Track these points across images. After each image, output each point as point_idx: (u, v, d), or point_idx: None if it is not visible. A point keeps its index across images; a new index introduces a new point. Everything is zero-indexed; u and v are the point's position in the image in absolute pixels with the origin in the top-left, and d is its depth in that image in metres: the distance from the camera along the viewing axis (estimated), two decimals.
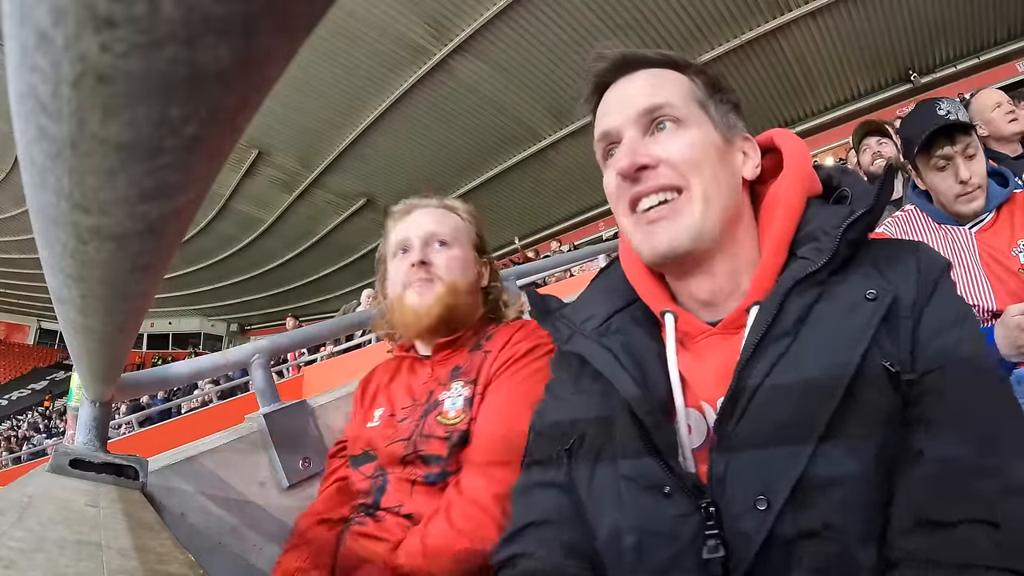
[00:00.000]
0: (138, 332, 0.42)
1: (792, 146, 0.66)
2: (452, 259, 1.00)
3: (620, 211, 0.63)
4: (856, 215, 0.57)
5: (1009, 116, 2.00)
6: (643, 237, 0.60)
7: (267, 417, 1.11)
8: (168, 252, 0.23)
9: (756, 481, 0.50)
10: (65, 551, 0.42)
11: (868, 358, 0.51)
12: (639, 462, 0.56)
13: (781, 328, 0.54)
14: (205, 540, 0.96)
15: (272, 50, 0.13)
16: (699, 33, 7.93)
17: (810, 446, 0.49)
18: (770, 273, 0.59)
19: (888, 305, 0.52)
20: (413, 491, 0.86)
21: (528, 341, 0.93)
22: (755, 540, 0.49)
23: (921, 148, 1.31)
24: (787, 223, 0.60)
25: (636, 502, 0.55)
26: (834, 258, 0.56)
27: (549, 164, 10.46)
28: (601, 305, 0.68)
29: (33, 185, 0.18)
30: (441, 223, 1.03)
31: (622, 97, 0.64)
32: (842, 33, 8.01)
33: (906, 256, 0.57)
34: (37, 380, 22.54)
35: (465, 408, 0.88)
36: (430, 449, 0.86)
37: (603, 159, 0.66)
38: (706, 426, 0.57)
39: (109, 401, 0.87)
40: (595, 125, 0.67)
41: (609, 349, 0.61)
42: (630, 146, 0.61)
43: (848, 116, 9.48)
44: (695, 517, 0.52)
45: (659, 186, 0.59)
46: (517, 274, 2.08)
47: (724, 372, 0.56)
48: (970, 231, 1.31)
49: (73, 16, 0.11)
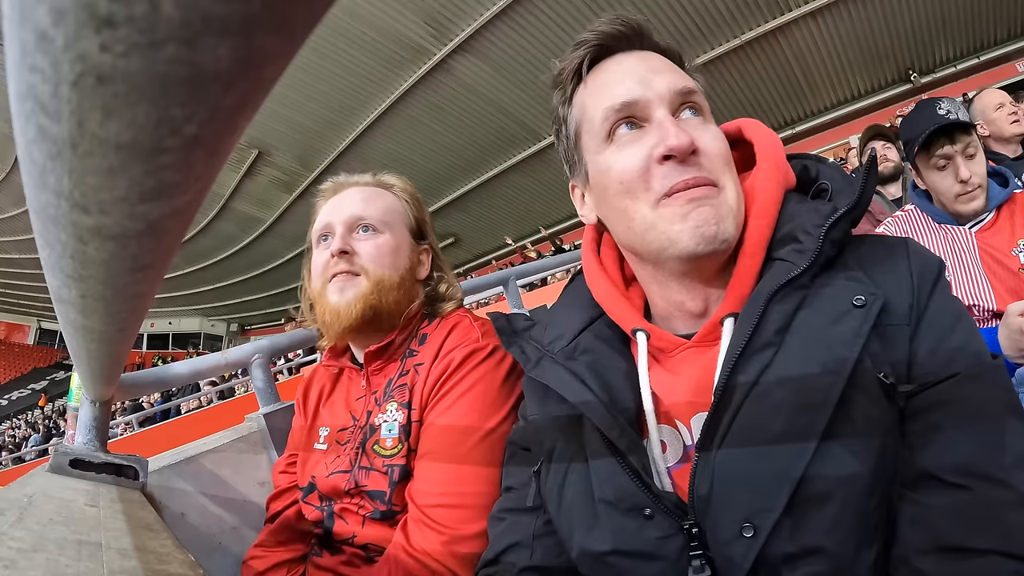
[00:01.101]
0: (138, 332, 0.42)
1: (764, 138, 0.60)
2: (379, 248, 0.86)
3: (644, 202, 0.53)
4: (840, 212, 0.51)
5: (1012, 117, 2.00)
6: (681, 219, 0.51)
7: (267, 417, 1.11)
8: (168, 252, 0.23)
9: (741, 505, 0.47)
10: (65, 551, 0.42)
11: (858, 369, 0.46)
12: (617, 485, 0.53)
13: (763, 339, 0.49)
14: (205, 540, 0.96)
15: (272, 50, 0.13)
16: (699, 33, 7.94)
17: (800, 464, 0.45)
18: (746, 280, 0.53)
19: (878, 312, 0.48)
20: (365, 523, 0.80)
21: (463, 348, 0.81)
22: (743, 567, 0.46)
23: (921, 147, 1.31)
24: (764, 224, 0.54)
25: (615, 525, 0.52)
26: (817, 260, 0.50)
27: (549, 164, 10.46)
28: (569, 323, 0.63)
29: (33, 185, 0.18)
30: (369, 204, 0.88)
31: (644, 69, 0.56)
32: (842, 33, 8.02)
33: (896, 258, 0.52)
34: (37, 380, 22.56)
35: (401, 437, 0.79)
36: (372, 484, 0.79)
37: (608, 135, 0.55)
38: (681, 442, 0.54)
39: (109, 401, 0.87)
40: (587, 93, 0.58)
41: (575, 374, 0.57)
42: (675, 124, 0.52)
43: (848, 116, 9.49)
44: (678, 538, 0.50)
45: (704, 181, 0.52)
46: (517, 274, 2.08)
47: (701, 386, 0.53)
48: (970, 231, 1.31)
49: (73, 16, 0.11)
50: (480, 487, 0.73)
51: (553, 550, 0.60)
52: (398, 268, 0.87)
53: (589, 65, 0.59)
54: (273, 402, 1.17)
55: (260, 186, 12.30)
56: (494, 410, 0.77)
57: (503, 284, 1.95)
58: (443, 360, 0.81)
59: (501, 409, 0.78)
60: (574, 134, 0.60)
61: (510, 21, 7.68)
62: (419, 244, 0.93)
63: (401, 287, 0.87)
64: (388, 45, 8.12)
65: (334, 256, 0.85)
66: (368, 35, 7.92)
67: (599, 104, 0.56)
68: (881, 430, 0.46)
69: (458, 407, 0.77)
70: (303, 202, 12.50)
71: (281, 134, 10.23)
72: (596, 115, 0.56)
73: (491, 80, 8.78)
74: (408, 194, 0.94)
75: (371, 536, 0.80)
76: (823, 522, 0.45)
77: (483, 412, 0.77)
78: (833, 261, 0.53)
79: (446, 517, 0.71)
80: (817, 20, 7.80)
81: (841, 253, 0.53)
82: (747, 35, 7.92)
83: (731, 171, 0.55)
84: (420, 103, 9.31)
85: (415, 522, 0.73)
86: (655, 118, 0.53)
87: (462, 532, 0.71)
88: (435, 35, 7.97)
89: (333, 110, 9.56)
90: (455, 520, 0.71)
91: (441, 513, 0.72)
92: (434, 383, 0.80)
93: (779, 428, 0.46)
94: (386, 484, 0.79)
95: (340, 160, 10.66)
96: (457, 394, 0.78)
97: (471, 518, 0.71)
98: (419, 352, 0.85)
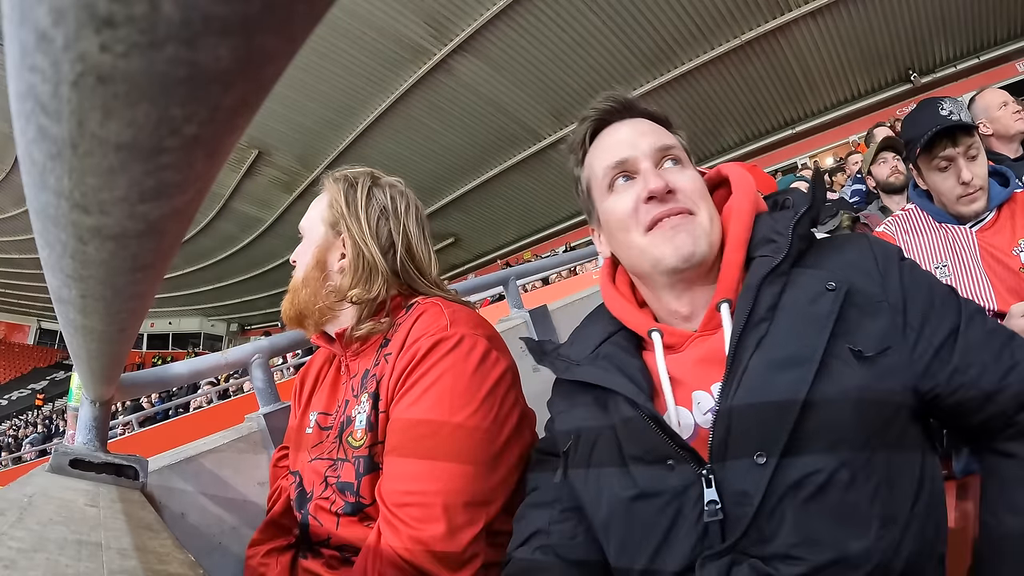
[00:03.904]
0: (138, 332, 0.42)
1: (738, 172, 0.76)
2: (299, 254, 0.93)
3: (636, 232, 0.69)
4: (800, 212, 0.67)
5: (1017, 115, 1.99)
6: (664, 243, 0.66)
7: (267, 417, 1.11)
8: (168, 252, 0.23)
9: (754, 438, 0.58)
10: (65, 551, 0.42)
11: (833, 340, 0.59)
12: (644, 440, 0.64)
13: (758, 315, 0.63)
14: (205, 540, 0.96)
15: (272, 50, 0.13)
16: (699, 33, 7.94)
17: (796, 405, 0.57)
18: (732, 271, 0.67)
19: (844, 294, 0.61)
20: (339, 522, 0.81)
21: (428, 337, 0.79)
22: (754, 496, 0.56)
23: (923, 149, 1.31)
24: (741, 228, 0.69)
25: (642, 474, 0.64)
26: (791, 251, 0.65)
27: (549, 164, 10.46)
28: (591, 338, 0.76)
29: (33, 185, 0.18)
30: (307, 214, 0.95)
31: (633, 134, 0.72)
32: (842, 33, 8.01)
33: (860, 249, 0.66)
34: (37, 380, 22.56)
35: (367, 429, 0.80)
36: (344, 475, 0.81)
37: (609, 186, 0.72)
38: (693, 420, 0.65)
39: (109, 401, 0.87)
40: (593, 156, 0.74)
41: (601, 368, 0.71)
42: (656, 173, 0.69)
43: (848, 116, 9.48)
44: (696, 486, 0.60)
45: (680, 208, 0.68)
46: (517, 274, 2.08)
47: (714, 361, 0.65)
48: (971, 230, 1.31)
49: (73, 16, 0.11)
50: (449, 484, 0.72)
51: (568, 533, 0.71)
52: (304, 268, 0.91)
53: (592, 135, 0.76)
54: (273, 402, 1.17)
55: (260, 186, 12.29)
56: (462, 403, 0.75)
57: (503, 284, 1.95)
58: (409, 350, 0.79)
59: (471, 402, 0.76)
60: (587, 188, 0.76)
61: (510, 21, 7.67)
62: (337, 233, 0.91)
63: (306, 285, 0.89)
64: (388, 45, 8.11)
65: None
66: (368, 35, 7.91)
67: (601, 163, 0.73)
68: (856, 386, 0.58)
69: (424, 400, 0.76)
70: (303, 202, 12.41)
71: (281, 134, 10.23)
72: (599, 172, 0.73)
73: (491, 80, 8.78)
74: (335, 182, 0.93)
75: (346, 536, 0.80)
76: (820, 448, 0.56)
77: (450, 406, 0.75)
78: (804, 255, 0.67)
79: (414, 516, 0.71)
80: (817, 20, 7.79)
81: (810, 249, 0.68)
82: (747, 35, 7.91)
83: (705, 201, 0.70)
84: (420, 103, 9.30)
85: (385, 522, 0.73)
86: (642, 170, 0.70)
87: (431, 532, 0.70)
88: (435, 35, 7.97)
89: (333, 110, 9.56)
90: (423, 519, 0.71)
91: (409, 512, 0.71)
92: (400, 374, 0.79)
93: (778, 379, 0.59)
94: (354, 476, 0.79)
95: (340, 160, 10.64)
96: (423, 387, 0.76)
97: (440, 517, 0.71)
98: (393, 338, 0.85)
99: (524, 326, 1.70)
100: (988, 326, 0.63)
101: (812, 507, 0.55)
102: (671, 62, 8.43)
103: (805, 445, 0.56)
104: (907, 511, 0.56)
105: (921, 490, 0.58)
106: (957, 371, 0.60)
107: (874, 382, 0.58)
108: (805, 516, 0.55)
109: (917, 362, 0.60)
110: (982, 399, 0.59)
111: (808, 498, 0.55)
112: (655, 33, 7.86)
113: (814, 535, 0.54)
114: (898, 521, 0.55)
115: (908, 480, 0.58)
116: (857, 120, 9.28)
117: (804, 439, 0.56)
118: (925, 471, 0.59)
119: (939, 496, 0.60)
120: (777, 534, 0.55)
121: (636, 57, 8.25)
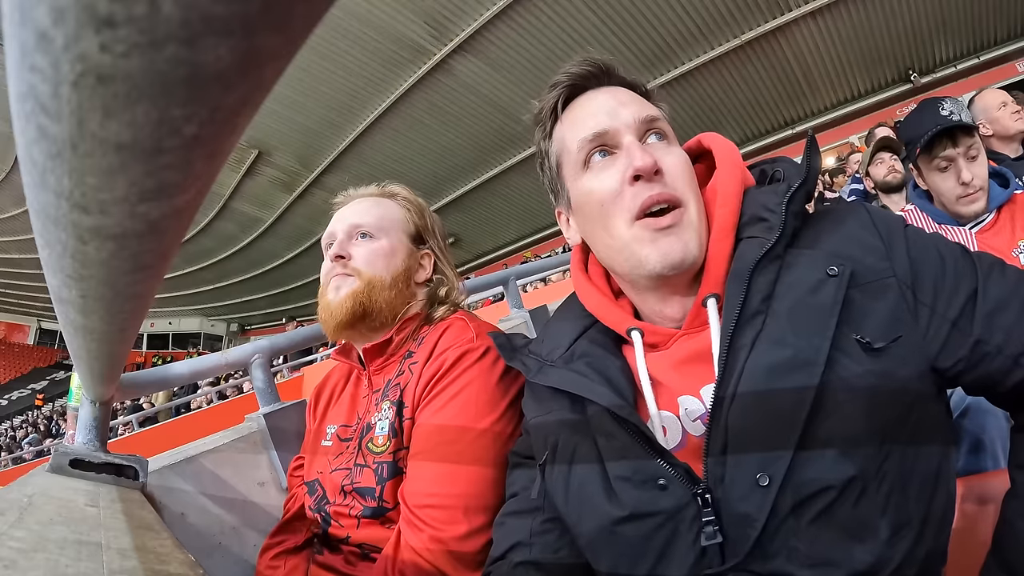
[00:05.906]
0: (138, 332, 0.42)
1: (721, 144, 0.66)
2: (373, 252, 0.91)
3: (621, 220, 0.59)
4: (794, 187, 0.58)
5: (1016, 115, 2.00)
6: (652, 246, 0.58)
7: (267, 417, 1.11)
8: (168, 252, 0.23)
9: (754, 456, 0.51)
10: (65, 551, 0.42)
11: (838, 331, 0.52)
12: (631, 460, 0.57)
13: (752, 307, 0.55)
14: (205, 540, 0.96)
15: (272, 50, 0.13)
16: (699, 33, 7.93)
17: (801, 416, 0.50)
18: (720, 263, 0.58)
19: (849, 278, 0.53)
20: (360, 524, 0.82)
21: (456, 348, 0.82)
22: (757, 520, 0.50)
23: (923, 149, 1.31)
24: (728, 211, 0.60)
25: (631, 497, 0.56)
26: (785, 231, 0.56)
27: None
28: (563, 334, 0.69)
29: (33, 185, 0.18)
30: (368, 213, 0.94)
31: (612, 102, 0.62)
32: (842, 33, 8.01)
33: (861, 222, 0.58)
34: (37, 380, 22.55)
35: (390, 435, 0.81)
36: (364, 481, 0.82)
37: (584, 162, 0.62)
38: (680, 426, 0.58)
39: (109, 401, 0.87)
40: (565, 127, 0.65)
41: (577, 372, 0.62)
42: (641, 148, 0.59)
43: (848, 116, 9.48)
44: (691, 506, 0.54)
45: (669, 196, 0.58)
46: (517, 274, 2.08)
47: (702, 362, 0.57)
48: (970, 231, 1.31)
49: (73, 16, 0.11)
50: (471, 488, 0.74)
51: (552, 546, 0.65)
52: (390, 270, 0.91)
53: (564, 103, 0.66)
54: (273, 402, 1.17)
55: (260, 186, 12.28)
56: (487, 411, 0.78)
57: (503, 284, 1.95)
58: (436, 360, 0.82)
59: (495, 410, 0.78)
60: (555, 165, 0.67)
61: (510, 21, 7.67)
62: (419, 249, 0.96)
63: (393, 287, 0.90)
64: (388, 45, 8.11)
65: (332, 261, 0.91)
66: (368, 35, 7.91)
67: (575, 136, 0.63)
68: (866, 384, 0.50)
69: (450, 407, 0.78)
70: (303, 202, 12.50)
71: (281, 134, 10.22)
72: (573, 145, 0.63)
73: (491, 80, 8.77)
74: (411, 202, 0.99)
75: (366, 536, 0.81)
76: (829, 460, 0.49)
77: (476, 412, 0.77)
78: (799, 234, 0.59)
79: (435, 518, 0.72)
80: (817, 20, 7.79)
81: (805, 225, 0.60)
82: (747, 35, 7.91)
83: (693, 188, 0.61)
84: (420, 103, 9.30)
85: (406, 522, 0.74)
86: (624, 144, 0.60)
87: (451, 533, 0.71)
88: (435, 35, 7.97)
89: (333, 110, 9.55)
90: (444, 521, 0.72)
91: (430, 513, 0.73)
92: (427, 382, 0.81)
93: (778, 385, 0.51)
94: (375, 481, 0.80)
95: (340, 160, 10.65)
96: (450, 394, 0.79)
97: (460, 519, 0.72)
98: (416, 353, 0.87)
99: (524, 326, 1.70)
100: (1009, 280, 0.54)
101: (820, 523, 0.50)
102: (671, 62, 8.42)
103: (812, 459, 0.50)
104: (922, 512, 0.51)
105: (938, 485, 0.52)
106: (980, 341, 0.52)
107: (886, 375, 0.51)
108: (813, 533, 0.50)
109: (933, 341, 0.53)
110: (1011, 365, 0.52)
111: (816, 516, 0.50)
112: (655, 33, 7.85)
113: (823, 553, 0.49)
114: (912, 524, 0.50)
115: (924, 476, 0.51)
116: (857, 120, 9.28)
117: (811, 452, 0.50)
118: (942, 464, 0.53)
119: (953, 490, 0.55)
120: (781, 553, 0.50)
121: (636, 57, 8.24)
